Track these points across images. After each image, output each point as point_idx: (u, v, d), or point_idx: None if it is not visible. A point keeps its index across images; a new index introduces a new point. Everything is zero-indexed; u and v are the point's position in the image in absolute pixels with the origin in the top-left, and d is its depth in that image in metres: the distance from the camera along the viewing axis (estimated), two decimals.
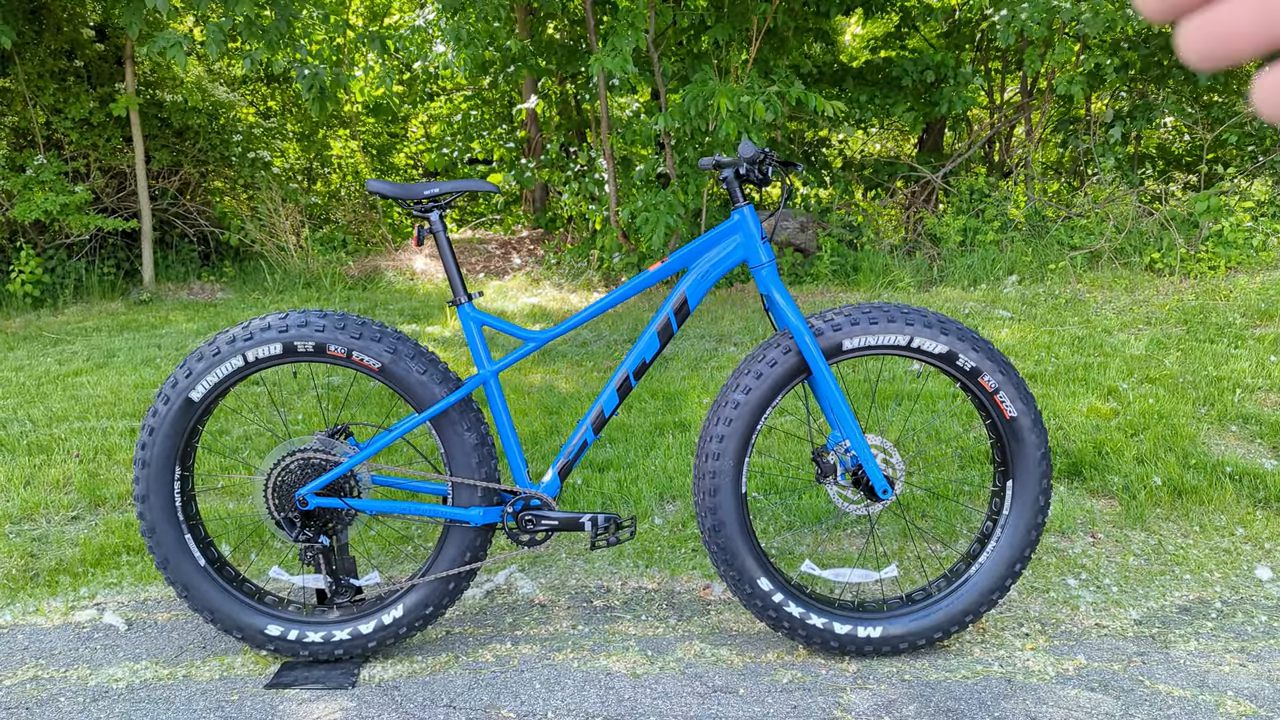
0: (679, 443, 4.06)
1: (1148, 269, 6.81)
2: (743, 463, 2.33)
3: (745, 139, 2.31)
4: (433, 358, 2.35)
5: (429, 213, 2.34)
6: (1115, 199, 7.60)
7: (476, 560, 2.41)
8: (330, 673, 2.41)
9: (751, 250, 2.33)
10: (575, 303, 7.75)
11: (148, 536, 2.35)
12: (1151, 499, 3.31)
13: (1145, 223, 7.24)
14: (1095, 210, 7.65)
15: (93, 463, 3.97)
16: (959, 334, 2.31)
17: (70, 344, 6.58)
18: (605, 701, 2.26)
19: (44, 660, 2.54)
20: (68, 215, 7.88)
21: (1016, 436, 2.35)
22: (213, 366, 2.29)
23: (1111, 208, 7.53)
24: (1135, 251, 7.00)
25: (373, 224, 10.51)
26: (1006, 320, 5.90)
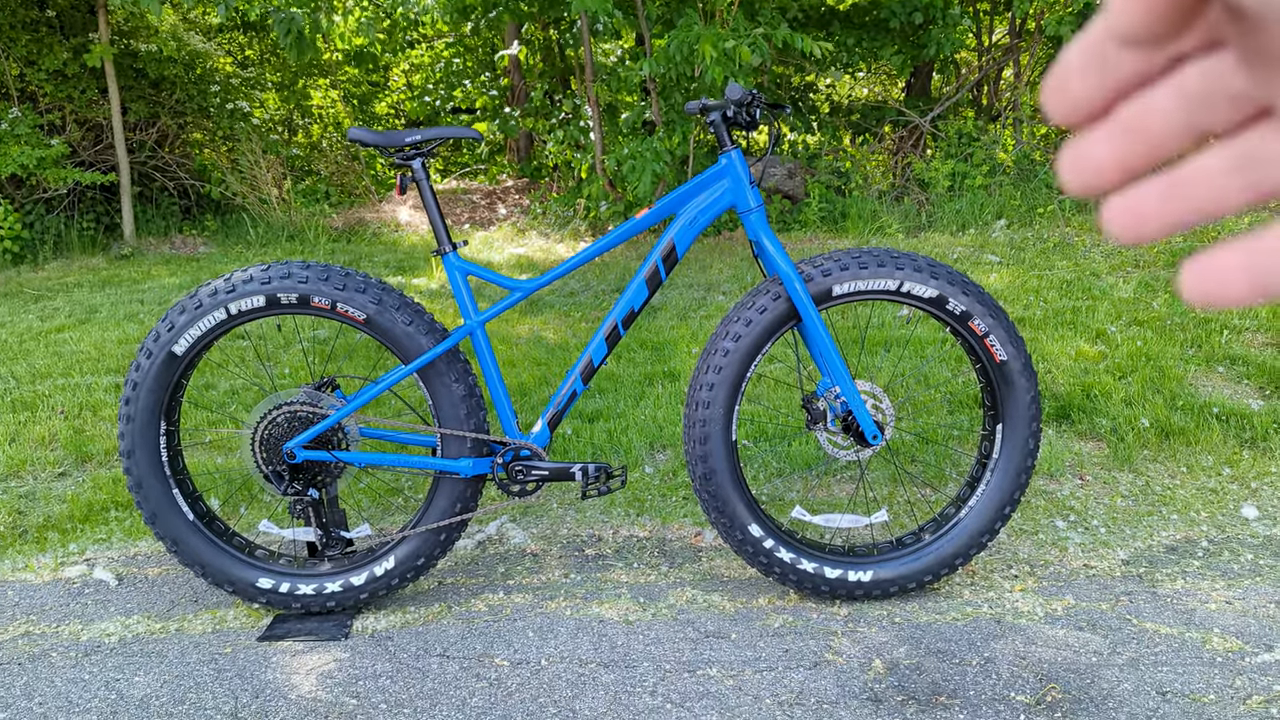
0: (669, 392, 4.05)
1: None
2: (732, 411, 2.32)
3: (732, 82, 2.26)
4: (418, 309, 2.33)
5: (411, 161, 2.30)
6: None
7: (467, 511, 2.41)
8: (323, 624, 2.42)
9: (740, 195, 2.30)
10: (562, 252, 7.69)
11: (135, 492, 2.34)
12: (1139, 440, 3.32)
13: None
14: None
15: (78, 419, 3.94)
16: (949, 278, 2.30)
17: (51, 300, 6.51)
18: (598, 648, 2.27)
19: (35, 616, 2.54)
20: (45, 169, 7.75)
21: (1006, 380, 2.35)
22: (195, 320, 2.26)
23: None
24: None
25: (356, 175, 10.39)
26: (995, 265, 5.88)
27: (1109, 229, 0.34)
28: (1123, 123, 0.32)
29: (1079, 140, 0.33)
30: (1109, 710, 1.98)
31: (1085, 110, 0.33)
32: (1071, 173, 0.34)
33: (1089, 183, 0.34)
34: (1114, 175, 0.33)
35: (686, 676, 2.15)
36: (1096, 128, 0.33)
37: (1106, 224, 0.34)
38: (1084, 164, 0.33)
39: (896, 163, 8.99)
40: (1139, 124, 0.32)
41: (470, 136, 2.31)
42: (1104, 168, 0.33)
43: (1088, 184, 0.34)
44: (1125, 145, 0.32)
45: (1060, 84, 0.33)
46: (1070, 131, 0.34)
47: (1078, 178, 0.34)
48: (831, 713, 2.00)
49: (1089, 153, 0.33)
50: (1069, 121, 0.34)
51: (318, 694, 2.13)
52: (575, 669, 2.19)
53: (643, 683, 2.13)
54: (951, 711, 2.00)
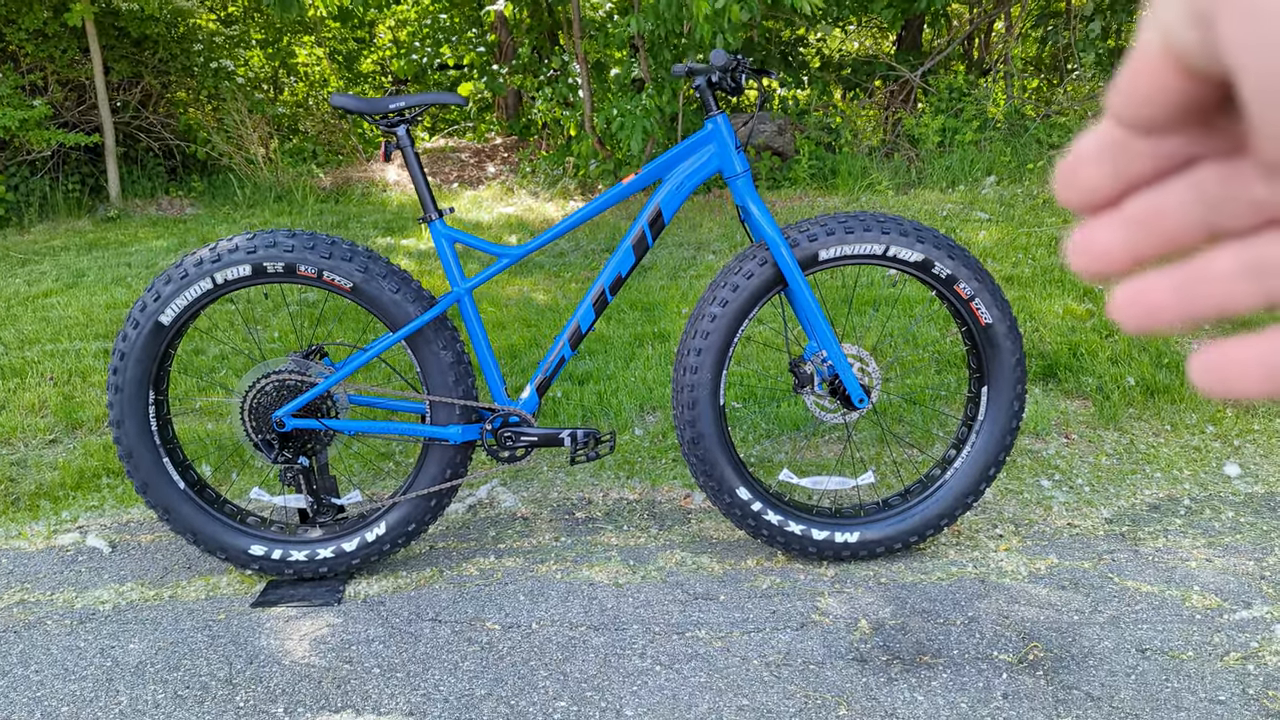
0: (658, 353, 4.06)
1: None
2: (720, 375, 2.33)
3: (718, 48, 2.23)
4: (405, 276, 2.32)
5: (395, 127, 2.28)
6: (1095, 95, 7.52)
7: (457, 477, 2.43)
8: (316, 590, 2.44)
9: (726, 160, 2.29)
10: (551, 212, 7.66)
11: (126, 461, 2.34)
12: (1124, 399, 3.35)
13: None
14: (1075, 107, 7.57)
15: (68, 385, 3.94)
16: (935, 241, 2.30)
17: (38, 264, 6.47)
18: (588, 611, 2.30)
19: (29, 584, 2.56)
20: (28, 131, 7.67)
21: (992, 343, 2.36)
22: (181, 289, 2.26)
23: (1092, 105, 7.46)
24: None
25: (343, 134, 10.29)
26: (984, 222, 5.88)
27: (1118, 317, 0.34)
28: (1136, 213, 0.32)
29: (1090, 225, 0.33)
30: (1089, 668, 2.02)
31: (1097, 199, 0.33)
32: (1080, 256, 0.34)
33: (1097, 268, 0.34)
34: (1123, 263, 0.32)
35: (675, 638, 2.18)
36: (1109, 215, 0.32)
37: (1115, 312, 0.34)
38: (1093, 249, 0.33)
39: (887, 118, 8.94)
40: (1152, 216, 0.31)
41: (454, 102, 2.29)
42: (1113, 255, 0.33)
43: (1096, 269, 0.34)
44: (1137, 236, 0.32)
45: (1072, 171, 0.33)
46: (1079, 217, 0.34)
47: (1086, 262, 0.33)
48: (818, 673, 2.03)
49: (1099, 239, 0.33)
50: (1080, 209, 0.34)
51: (311, 659, 2.15)
52: (566, 632, 2.22)
53: (632, 645, 2.16)
54: (935, 670, 2.03)
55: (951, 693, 1.96)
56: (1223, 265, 0.30)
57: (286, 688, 2.05)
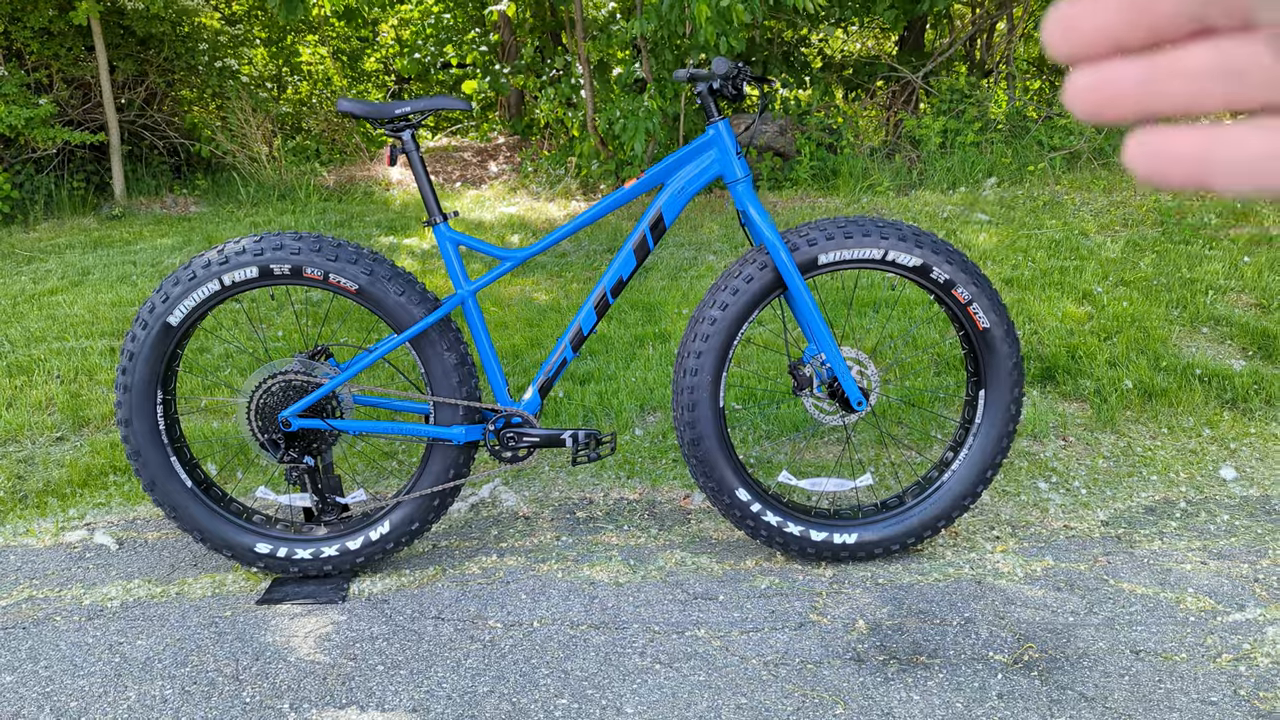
0: (660, 354, 4.09)
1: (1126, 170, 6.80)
2: (720, 377, 2.36)
3: (721, 55, 2.26)
4: (410, 278, 2.36)
5: (401, 132, 2.31)
6: None
7: (460, 477, 2.46)
8: (320, 588, 2.47)
9: (727, 166, 2.32)
10: (553, 212, 7.69)
11: (134, 460, 2.38)
12: (1122, 402, 3.38)
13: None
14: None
15: (74, 383, 3.98)
16: (933, 246, 2.33)
17: (44, 262, 6.51)
18: (589, 610, 2.33)
19: (38, 580, 2.59)
20: (33, 129, 7.70)
21: (989, 347, 2.39)
22: (189, 291, 2.29)
23: None
24: (1115, 152, 6.98)
25: (346, 133, 10.32)
26: (985, 224, 5.90)
27: (1072, 104, 0.32)
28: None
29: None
30: (1084, 669, 2.05)
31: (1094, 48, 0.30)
32: (1058, 33, 0.31)
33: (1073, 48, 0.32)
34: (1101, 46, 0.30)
35: (675, 637, 2.21)
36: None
37: (1070, 98, 0.32)
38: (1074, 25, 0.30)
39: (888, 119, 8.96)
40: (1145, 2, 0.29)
41: (459, 107, 2.32)
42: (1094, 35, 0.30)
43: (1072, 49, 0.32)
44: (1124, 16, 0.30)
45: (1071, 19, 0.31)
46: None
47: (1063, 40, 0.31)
48: (815, 672, 2.07)
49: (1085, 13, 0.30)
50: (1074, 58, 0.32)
51: (316, 656, 2.19)
52: (567, 630, 2.25)
53: (632, 644, 2.19)
54: (931, 670, 2.06)
55: (947, 692, 1.99)
56: (1196, 61, 0.29)
57: (292, 684, 2.08)
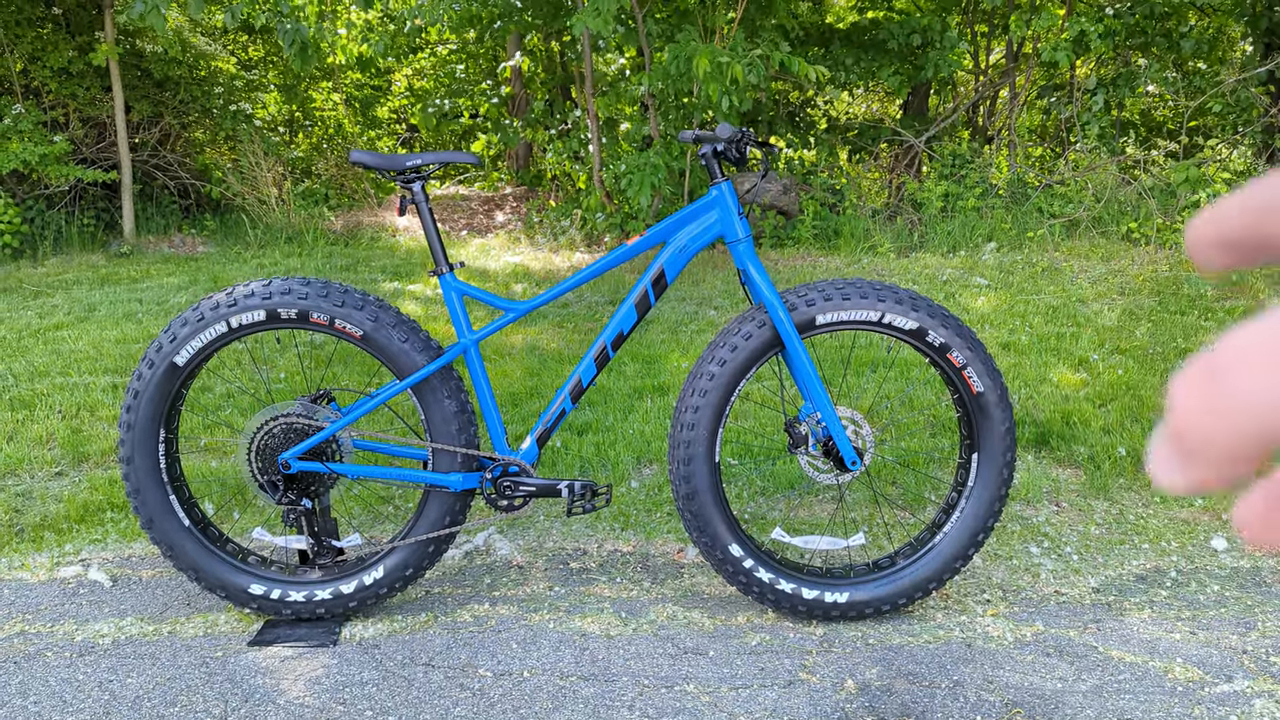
0: (658, 407, 4.12)
1: (1124, 238, 6.89)
2: (716, 433, 2.39)
3: (726, 120, 2.32)
4: (414, 325, 2.40)
5: (411, 183, 2.37)
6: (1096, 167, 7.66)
7: (456, 524, 2.48)
8: (312, 631, 2.48)
9: (728, 226, 2.37)
10: (557, 263, 7.77)
11: (133, 498, 2.40)
12: (1115, 469, 3.40)
13: (1124, 192, 7.30)
14: (1076, 178, 7.70)
15: (75, 419, 4.01)
16: (929, 310, 2.37)
17: (50, 297, 6.57)
18: (579, 662, 2.34)
19: (30, 615, 2.60)
20: (46, 166, 7.81)
21: (983, 411, 2.42)
22: (197, 332, 2.33)
23: (1092, 176, 7.59)
24: (1113, 220, 7.07)
25: (355, 179, 10.46)
26: (984, 288, 5.97)
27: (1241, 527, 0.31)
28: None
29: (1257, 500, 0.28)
30: None
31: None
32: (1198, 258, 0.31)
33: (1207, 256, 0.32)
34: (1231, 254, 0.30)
35: (664, 692, 2.21)
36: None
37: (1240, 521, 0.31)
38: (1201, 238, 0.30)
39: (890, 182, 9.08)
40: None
41: (468, 161, 2.38)
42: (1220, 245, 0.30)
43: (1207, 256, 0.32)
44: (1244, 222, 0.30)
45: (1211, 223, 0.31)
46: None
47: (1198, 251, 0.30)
48: None
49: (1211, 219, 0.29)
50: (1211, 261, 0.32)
51: (305, 699, 2.19)
52: (556, 681, 2.25)
53: (621, 697, 2.19)
54: None
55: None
56: None
57: None
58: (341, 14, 9.81)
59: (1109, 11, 8.11)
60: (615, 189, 8.04)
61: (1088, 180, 7.51)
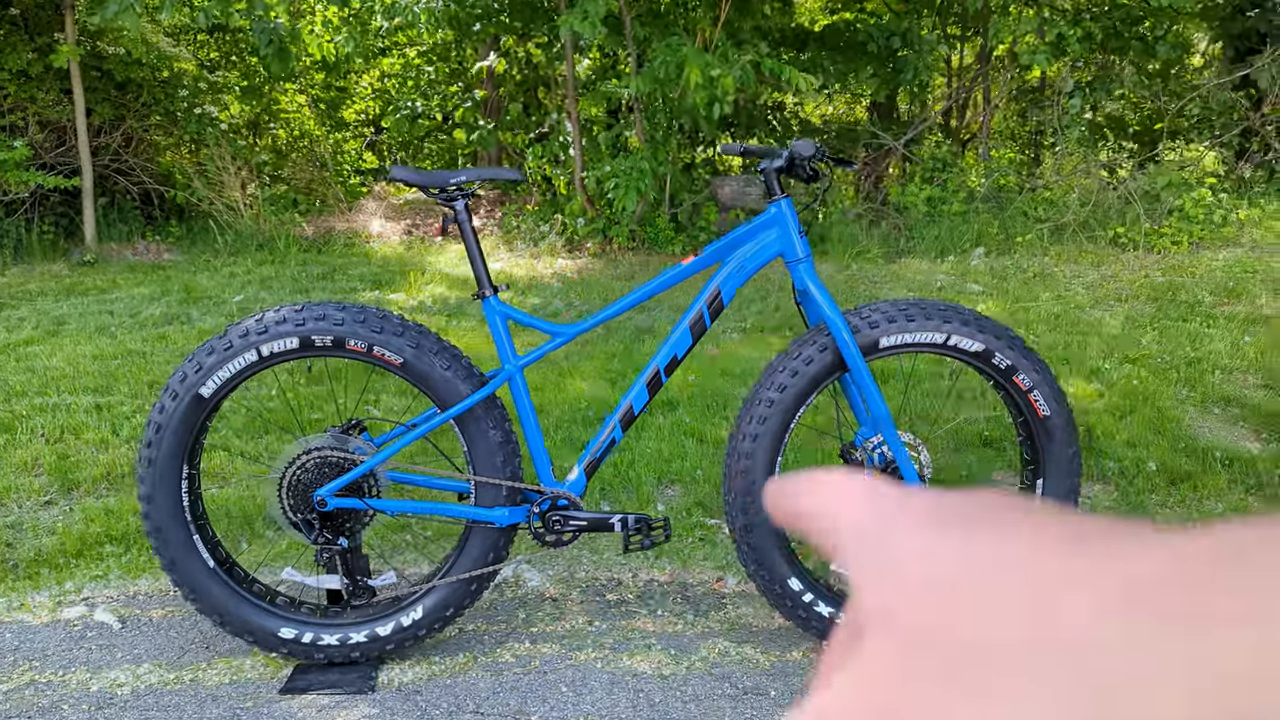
0: (670, 423, 4.01)
1: (1111, 243, 6.90)
2: (775, 462, 2.28)
3: (802, 138, 2.22)
4: (455, 352, 2.26)
5: (454, 201, 2.23)
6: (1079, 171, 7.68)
7: (499, 560, 2.35)
8: (347, 675, 2.33)
9: (788, 245, 2.27)
10: (541, 270, 7.62)
11: (153, 537, 2.24)
12: (1147, 485, 3.35)
13: (1108, 196, 7.32)
14: (1058, 182, 7.72)
15: (60, 443, 3.80)
16: (995, 332, 2.29)
17: (14, 309, 6.30)
18: (636, 705, 2.22)
19: (38, 662, 2.42)
20: (6, 172, 7.51)
21: (1049, 435, 2.34)
22: (224, 361, 2.17)
23: (1076, 180, 7.60)
24: (1099, 225, 7.09)
25: (324, 183, 10.21)
26: (979, 294, 5.93)
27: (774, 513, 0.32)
28: None
29: None
30: None
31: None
32: None
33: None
34: None
35: None
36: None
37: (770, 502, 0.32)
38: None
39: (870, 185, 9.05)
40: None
41: (512, 178, 2.26)
42: None
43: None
44: None
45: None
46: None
47: None
48: None
49: None
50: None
51: None
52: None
53: None
54: None
55: None
56: None
57: None
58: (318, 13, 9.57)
59: (1085, 15, 8.14)
60: (597, 194, 7.92)
61: (1072, 184, 7.53)
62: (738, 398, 4.40)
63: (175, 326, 5.69)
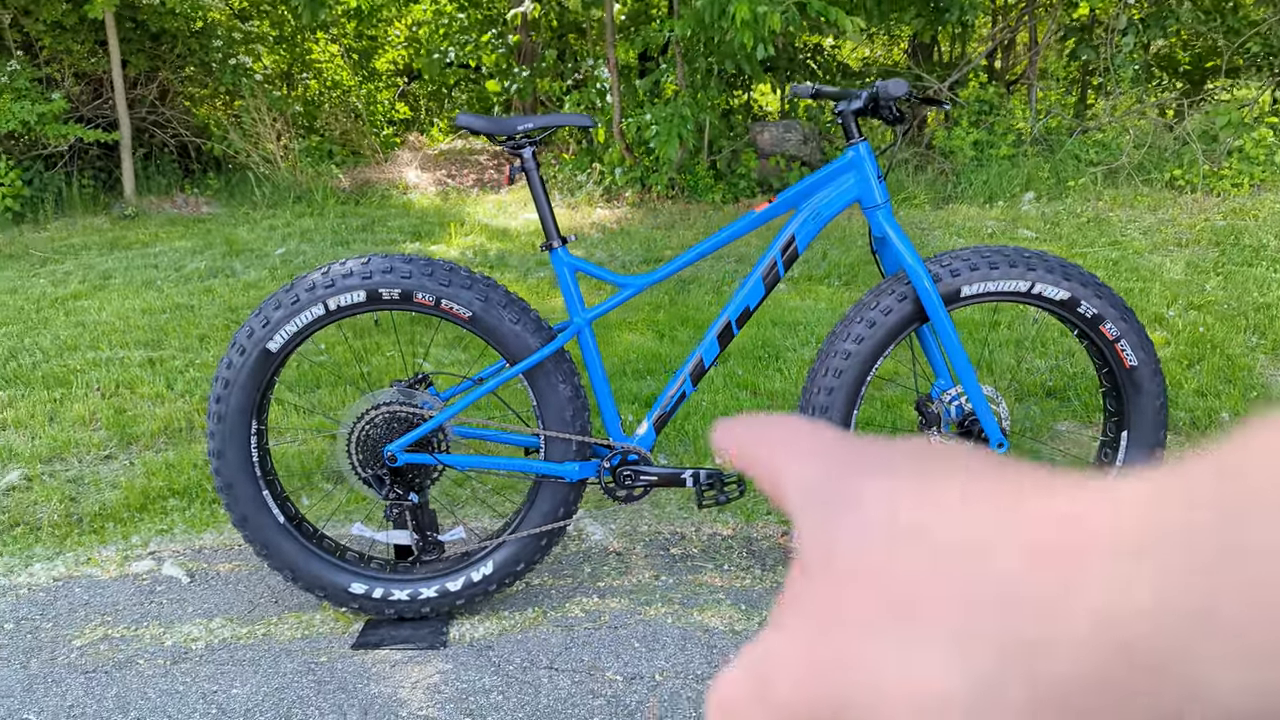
0: (721, 373, 3.96)
1: (1168, 186, 6.72)
2: (850, 416, 2.23)
3: (895, 79, 2.13)
4: (524, 305, 2.21)
5: (522, 149, 2.17)
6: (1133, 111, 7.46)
7: (569, 516, 2.32)
8: (418, 631, 2.32)
9: (866, 190, 2.19)
10: (579, 220, 7.54)
11: (224, 494, 2.22)
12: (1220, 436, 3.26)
13: (1164, 138, 7.11)
14: (1111, 123, 7.50)
15: (116, 396, 3.81)
16: (1081, 279, 2.20)
17: (60, 263, 6.32)
18: (710, 661, 2.19)
19: (109, 617, 2.43)
20: (45, 125, 7.50)
21: (1135, 386, 2.26)
22: (292, 315, 2.14)
23: (1129, 121, 7.39)
24: (1155, 168, 6.89)
25: (359, 134, 10.14)
26: (1031, 240, 5.80)
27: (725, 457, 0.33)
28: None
29: None
30: None
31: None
32: None
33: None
34: None
35: None
36: None
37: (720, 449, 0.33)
38: None
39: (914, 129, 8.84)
40: None
41: (582, 124, 2.19)
42: None
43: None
44: None
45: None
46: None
47: None
48: None
49: None
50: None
51: (428, 711, 2.04)
52: (693, 686, 2.11)
53: None
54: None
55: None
56: None
57: None
58: None
59: None
60: (636, 141, 7.80)
61: (1126, 125, 7.32)
62: (789, 349, 4.34)
63: (220, 280, 5.68)
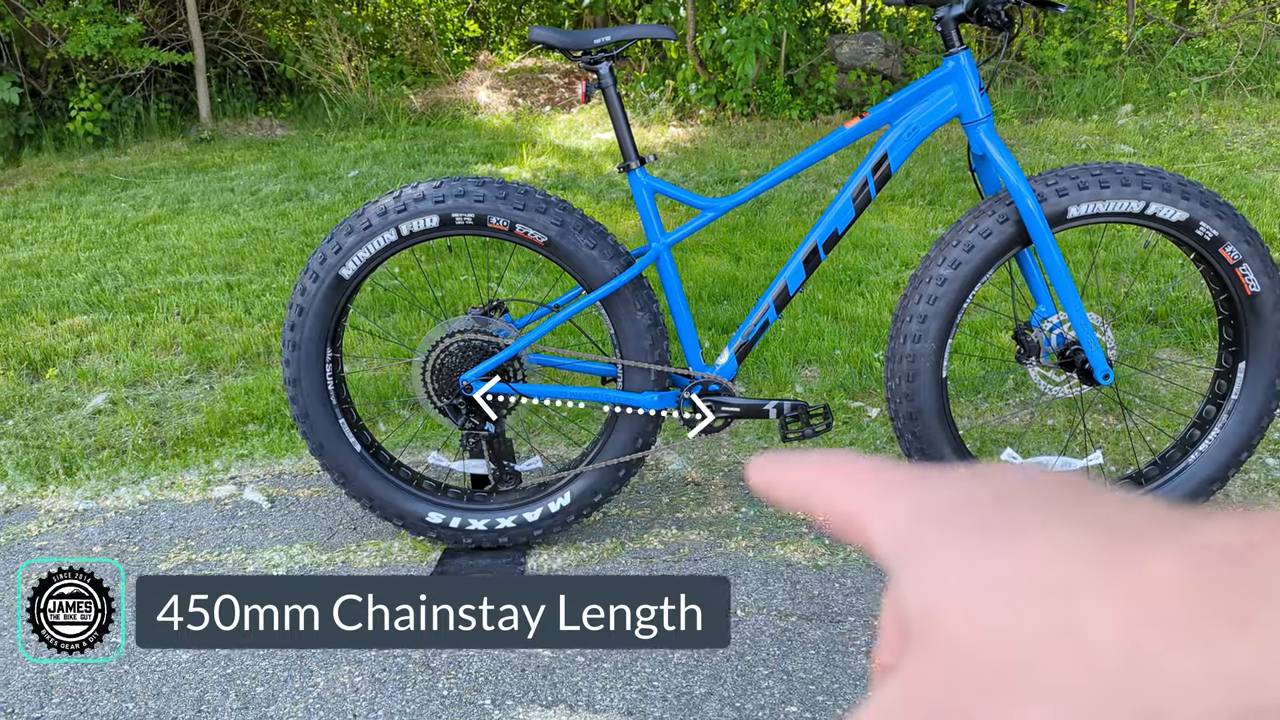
0: (801, 298, 3.84)
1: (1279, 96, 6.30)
2: (945, 345, 2.11)
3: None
4: (601, 230, 2.12)
5: (598, 64, 2.06)
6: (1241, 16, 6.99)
7: (647, 447, 2.25)
8: (496, 561, 2.30)
9: (967, 104, 2.04)
10: (652, 140, 7.37)
11: (301, 422, 2.21)
12: None
13: (1275, 44, 6.66)
14: (1218, 29, 7.04)
15: (195, 321, 3.84)
16: (1201, 199, 2.04)
17: (140, 187, 6.38)
18: (795, 598, 2.13)
19: (193, 541, 2.45)
20: (121, 49, 7.53)
21: (1256, 314, 2.10)
22: (364, 241, 2.08)
23: (1238, 26, 6.93)
24: (1265, 76, 6.47)
25: (429, 53, 10.01)
26: (1129, 156, 5.50)
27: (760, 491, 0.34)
28: None
29: None
30: None
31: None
32: None
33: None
34: None
35: None
36: None
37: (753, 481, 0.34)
38: None
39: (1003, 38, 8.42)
40: None
41: (664, 36, 2.06)
42: None
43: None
44: None
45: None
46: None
47: None
48: None
49: None
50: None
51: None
52: (777, 622, 2.05)
53: (853, 640, 1.99)
54: None
55: None
56: None
57: (489, 676, 1.92)
58: None
59: None
60: (711, 57, 7.56)
61: (1233, 31, 6.86)
62: (871, 271, 4.19)
63: (295, 203, 5.69)
